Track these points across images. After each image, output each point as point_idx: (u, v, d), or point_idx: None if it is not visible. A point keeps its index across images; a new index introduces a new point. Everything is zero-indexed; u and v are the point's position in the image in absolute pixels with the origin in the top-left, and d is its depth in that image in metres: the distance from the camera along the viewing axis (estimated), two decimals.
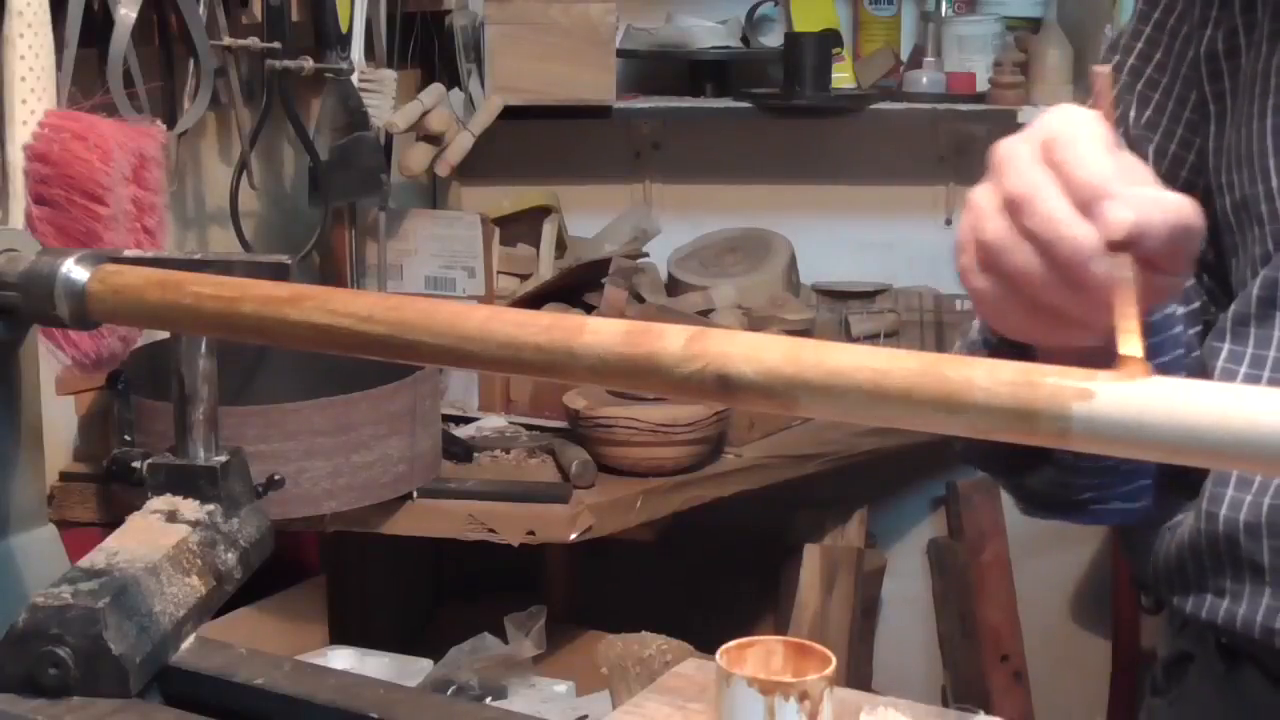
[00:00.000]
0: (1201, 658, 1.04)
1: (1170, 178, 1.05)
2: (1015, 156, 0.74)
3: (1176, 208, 0.72)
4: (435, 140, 2.40)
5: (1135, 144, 1.07)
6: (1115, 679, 2.82)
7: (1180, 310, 0.96)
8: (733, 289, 2.62)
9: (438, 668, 1.93)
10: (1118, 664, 2.81)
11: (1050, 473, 0.98)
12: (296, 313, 0.83)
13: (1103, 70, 0.76)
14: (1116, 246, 0.70)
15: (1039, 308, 0.74)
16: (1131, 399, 0.63)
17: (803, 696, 0.82)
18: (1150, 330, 0.87)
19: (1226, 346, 0.99)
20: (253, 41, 2.02)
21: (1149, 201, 0.71)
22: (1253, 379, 0.96)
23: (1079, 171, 0.71)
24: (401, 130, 2.32)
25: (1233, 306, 0.99)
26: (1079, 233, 0.71)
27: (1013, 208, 0.73)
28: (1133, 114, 1.07)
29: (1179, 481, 1.01)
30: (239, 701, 0.94)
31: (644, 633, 1.65)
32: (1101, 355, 0.69)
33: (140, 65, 1.78)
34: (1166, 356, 0.93)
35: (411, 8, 2.43)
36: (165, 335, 0.99)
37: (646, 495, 2.09)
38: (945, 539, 2.90)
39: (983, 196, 0.75)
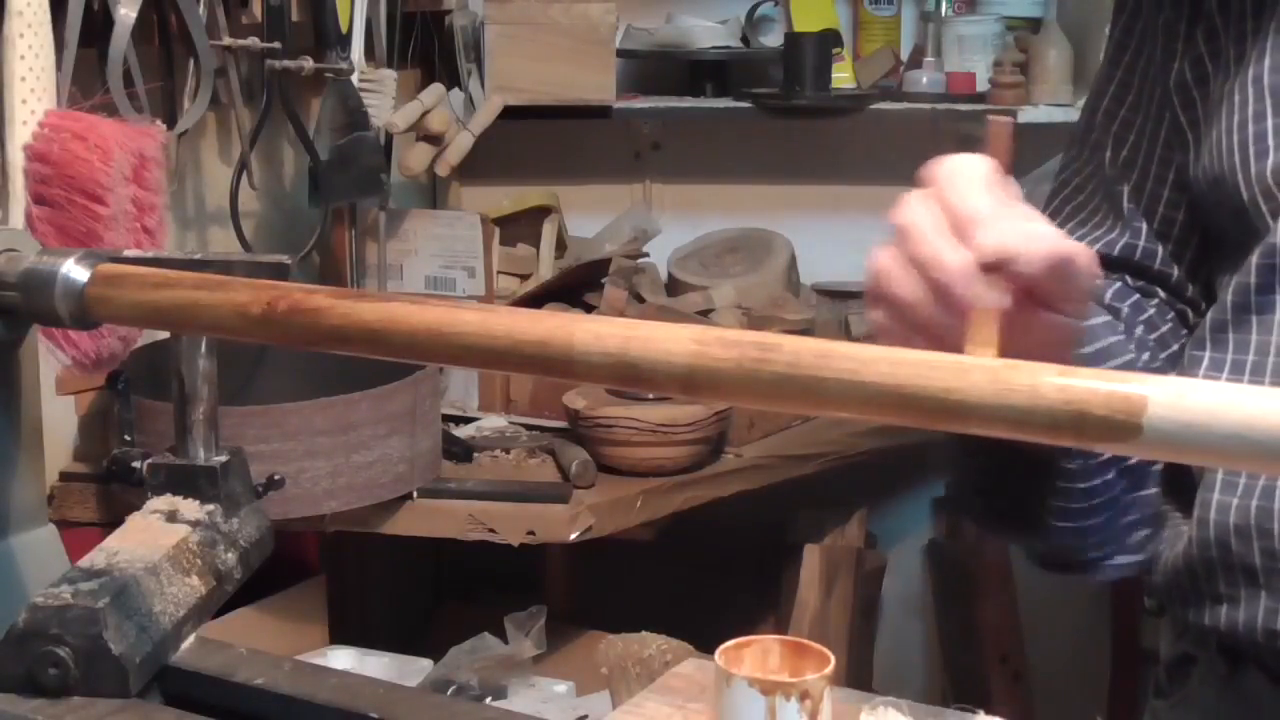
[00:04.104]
0: (1204, 660, 1.04)
1: (1149, 213, 1.08)
2: (908, 198, 0.82)
3: (1051, 240, 0.79)
4: (435, 140, 2.40)
5: (1112, 183, 1.10)
6: (1115, 679, 2.81)
7: (1115, 341, 1.01)
8: (733, 289, 2.62)
9: (438, 668, 1.93)
10: (1118, 664, 2.81)
11: (1050, 539, 1.02)
12: (297, 312, 0.83)
13: (999, 120, 0.85)
14: (988, 269, 0.77)
15: (921, 332, 0.81)
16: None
17: (804, 696, 0.82)
18: (1085, 363, 0.93)
19: (1207, 354, 1.00)
20: (253, 41, 2.02)
21: (1020, 231, 0.78)
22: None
23: (955, 204, 0.79)
24: (401, 130, 2.32)
25: (1210, 314, 1.00)
26: (953, 257, 0.78)
27: (900, 238, 0.81)
28: (1108, 155, 1.10)
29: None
30: (239, 701, 0.94)
31: (644, 633, 1.65)
32: None
33: (140, 65, 1.78)
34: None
35: (411, 8, 2.42)
36: (165, 335, 0.99)
37: (646, 495, 2.09)
38: (945, 539, 2.90)
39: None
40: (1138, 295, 1.08)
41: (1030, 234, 0.78)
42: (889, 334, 0.83)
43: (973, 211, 0.78)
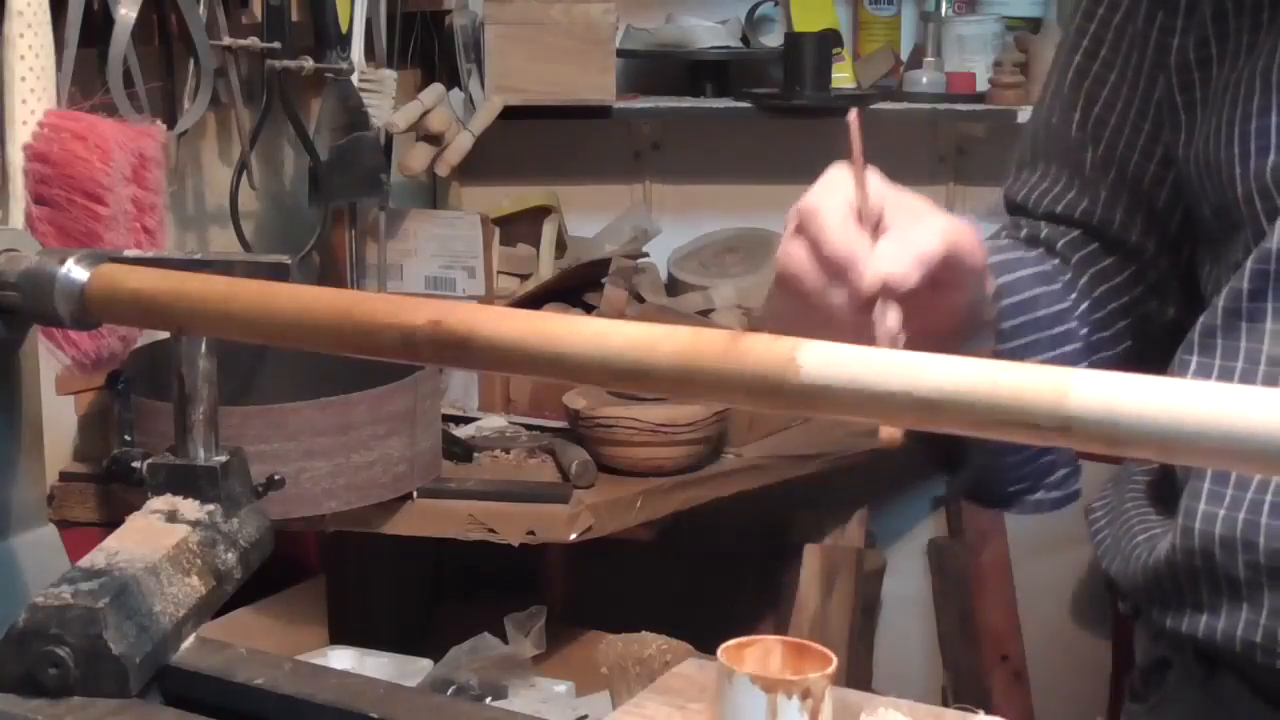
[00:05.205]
0: (1180, 664, 1.03)
1: (1120, 172, 1.07)
2: (785, 245, 0.87)
3: (926, 240, 0.82)
4: (435, 140, 2.40)
5: (1077, 145, 1.08)
6: (1115, 679, 2.81)
7: (1041, 293, 1.03)
8: (733, 289, 2.62)
9: (438, 668, 1.93)
10: (1118, 664, 2.81)
11: (971, 473, 1.06)
12: (298, 312, 0.83)
13: (851, 118, 0.87)
14: (870, 303, 0.81)
15: (844, 328, 0.84)
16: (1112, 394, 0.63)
17: (805, 694, 0.82)
18: (1004, 314, 0.99)
19: (1195, 359, 0.99)
20: (253, 41, 2.02)
21: (891, 250, 0.82)
22: None
23: (823, 250, 0.83)
24: (401, 130, 2.32)
25: (1201, 318, 0.99)
26: (838, 300, 0.83)
27: (785, 284, 0.86)
28: (1078, 114, 1.08)
29: None
30: (239, 701, 0.94)
31: (644, 633, 1.65)
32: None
33: (140, 65, 1.78)
34: (1024, 340, 1.01)
35: (411, 8, 2.42)
36: (165, 335, 0.99)
37: (646, 495, 2.09)
38: (945, 539, 2.90)
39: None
40: (1096, 245, 1.09)
41: (904, 245, 0.82)
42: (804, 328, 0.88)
43: (839, 257, 0.82)
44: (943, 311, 0.87)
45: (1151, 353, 1.06)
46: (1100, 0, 1.07)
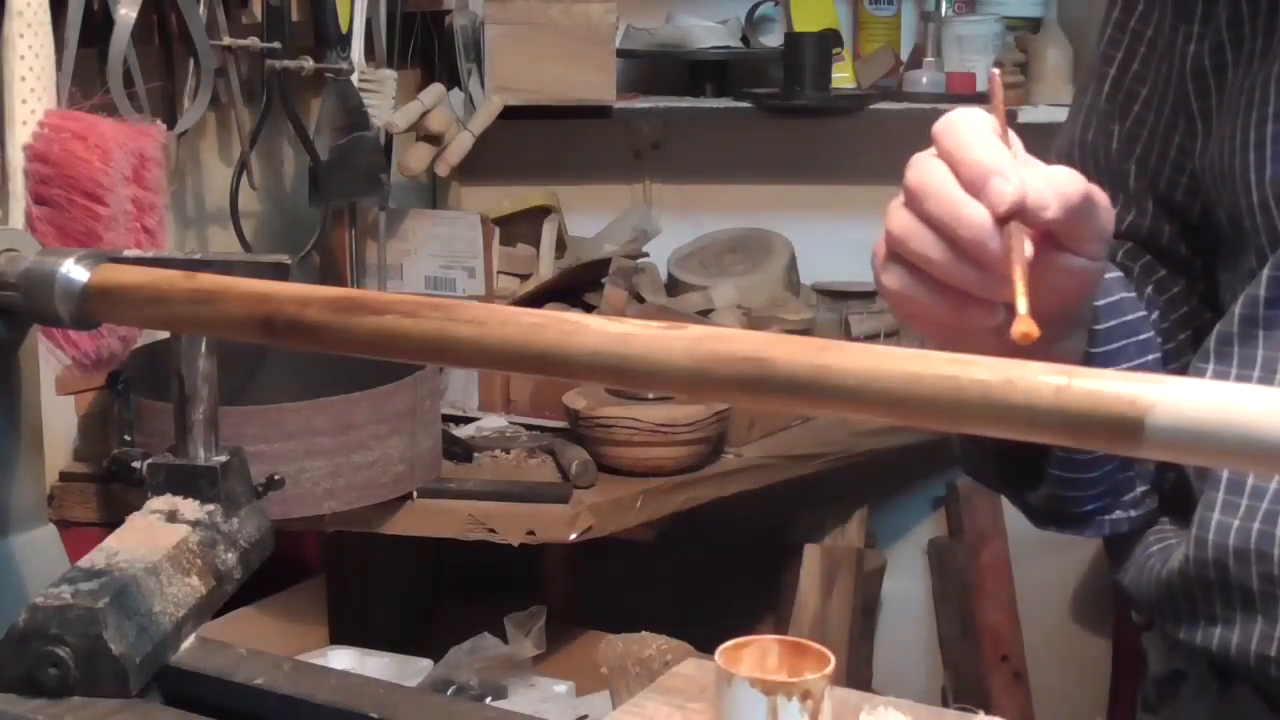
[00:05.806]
0: (1194, 676, 1.02)
1: (1153, 184, 1.05)
2: (915, 157, 0.80)
3: (1066, 181, 0.77)
4: (435, 140, 2.40)
5: (1118, 158, 1.07)
6: (1115, 679, 2.82)
7: (1126, 297, 0.97)
8: (733, 289, 2.62)
9: (438, 668, 1.93)
10: (1118, 664, 2.81)
11: (1046, 489, 1.00)
12: (299, 313, 0.83)
13: (995, 72, 0.83)
14: (1006, 219, 0.75)
15: (944, 290, 0.79)
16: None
17: (805, 695, 0.82)
18: (1096, 316, 0.93)
19: (1211, 367, 0.97)
20: (253, 41, 2.03)
21: (1035, 177, 0.76)
22: None
23: (966, 156, 0.77)
24: (401, 130, 2.32)
25: (1217, 326, 0.98)
26: (971, 212, 0.76)
27: (911, 198, 0.79)
28: (1116, 128, 1.07)
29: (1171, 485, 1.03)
30: (239, 701, 0.94)
31: (644, 633, 1.65)
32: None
33: (140, 65, 1.78)
34: (1115, 344, 0.95)
35: (411, 8, 2.43)
36: (165, 335, 0.99)
37: (646, 495, 2.09)
38: (945, 539, 2.90)
39: (893, 201, 0.81)
40: (1150, 257, 1.06)
41: (1046, 178, 0.77)
42: (906, 298, 0.81)
43: (984, 163, 0.77)
44: (1057, 278, 0.81)
45: None
46: (1130, 13, 1.06)
